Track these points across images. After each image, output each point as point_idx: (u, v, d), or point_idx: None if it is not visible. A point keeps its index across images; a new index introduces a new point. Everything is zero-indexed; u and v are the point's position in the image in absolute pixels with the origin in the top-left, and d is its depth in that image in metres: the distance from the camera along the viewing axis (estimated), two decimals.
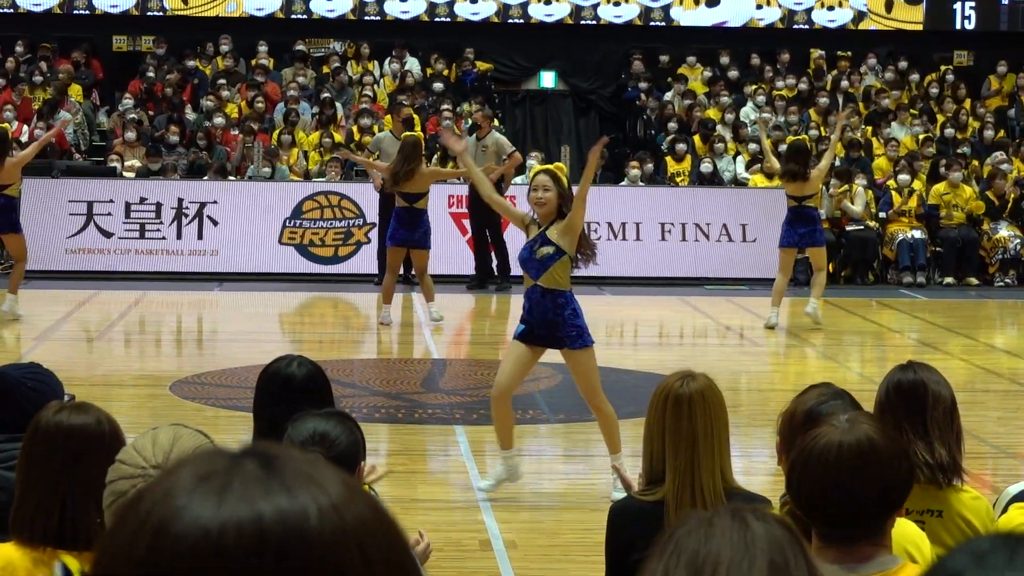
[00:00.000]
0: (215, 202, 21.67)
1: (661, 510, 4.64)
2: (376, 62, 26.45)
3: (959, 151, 24.26)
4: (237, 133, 23.77)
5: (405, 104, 22.64)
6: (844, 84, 26.22)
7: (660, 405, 4.70)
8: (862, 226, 22.08)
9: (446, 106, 24.16)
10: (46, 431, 3.92)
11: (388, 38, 26.50)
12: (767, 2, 27.12)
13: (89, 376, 13.84)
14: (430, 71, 26.22)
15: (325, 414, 4.66)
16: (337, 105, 24.77)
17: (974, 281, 22.25)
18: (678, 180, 23.66)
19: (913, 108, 25.68)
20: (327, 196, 21.82)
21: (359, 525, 1.44)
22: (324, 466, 1.48)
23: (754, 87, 26.05)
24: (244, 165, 23.07)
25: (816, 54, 27.05)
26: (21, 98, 24.30)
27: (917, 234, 22.20)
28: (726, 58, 26.66)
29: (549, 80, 27.15)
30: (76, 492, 3.81)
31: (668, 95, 25.99)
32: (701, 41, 27.02)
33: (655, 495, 4.70)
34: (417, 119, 23.68)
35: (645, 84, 26.22)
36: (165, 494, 1.43)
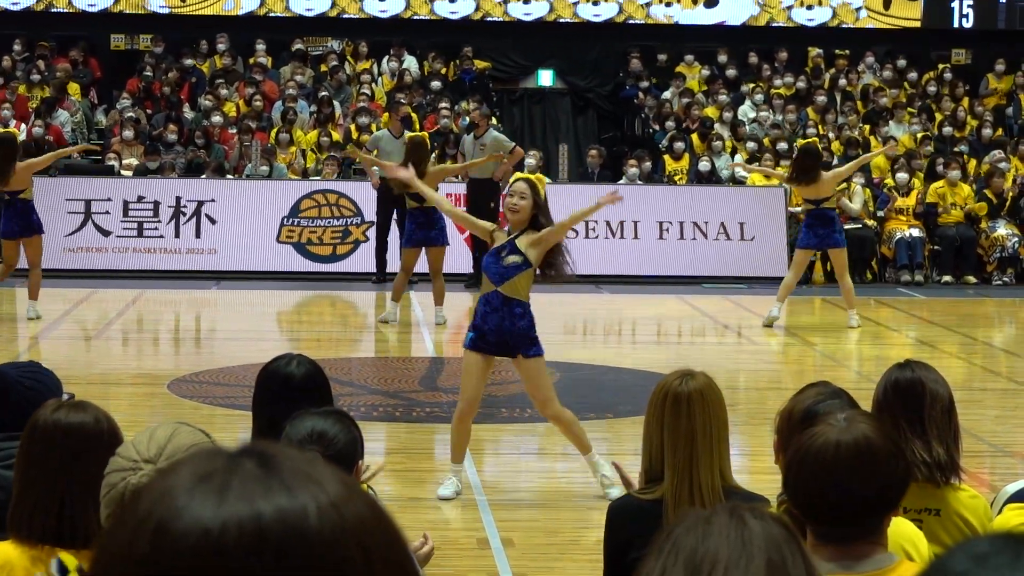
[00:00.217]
0: (213, 201, 21.66)
1: (660, 508, 4.64)
2: (374, 60, 26.44)
3: (957, 149, 24.25)
4: (235, 132, 23.76)
5: (403, 103, 22.65)
6: (842, 83, 26.20)
7: (659, 403, 4.70)
8: (860, 224, 22.06)
9: (444, 104, 24.15)
10: (44, 429, 3.92)
11: (386, 36, 26.50)
12: (766, 3, 27.13)
13: (87, 374, 13.84)
14: (428, 69, 26.22)
15: (323, 413, 4.66)
16: (335, 103, 24.76)
17: (972, 279, 22.24)
18: (676, 179, 23.66)
19: (911, 106, 25.67)
20: (325, 195, 21.81)
21: (358, 523, 1.44)
22: (322, 465, 1.48)
23: (752, 85, 26.05)
24: (242, 164, 23.06)
25: (814, 52, 27.04)
26: (16, 96, 24.27)
27: (915, 232, 22.19)
28: (724, 56, 26.65)
29: (547, 78, 27.15)
30: (75, 490, 3.81)
31: (666, 93, 25.98)
32: (699, 39, 27.02)
33: (654, 493, 4.71)
34: (415, 117, 23.67)
35: (643, 83, 26.21)
36: (164, 493, 1.43)
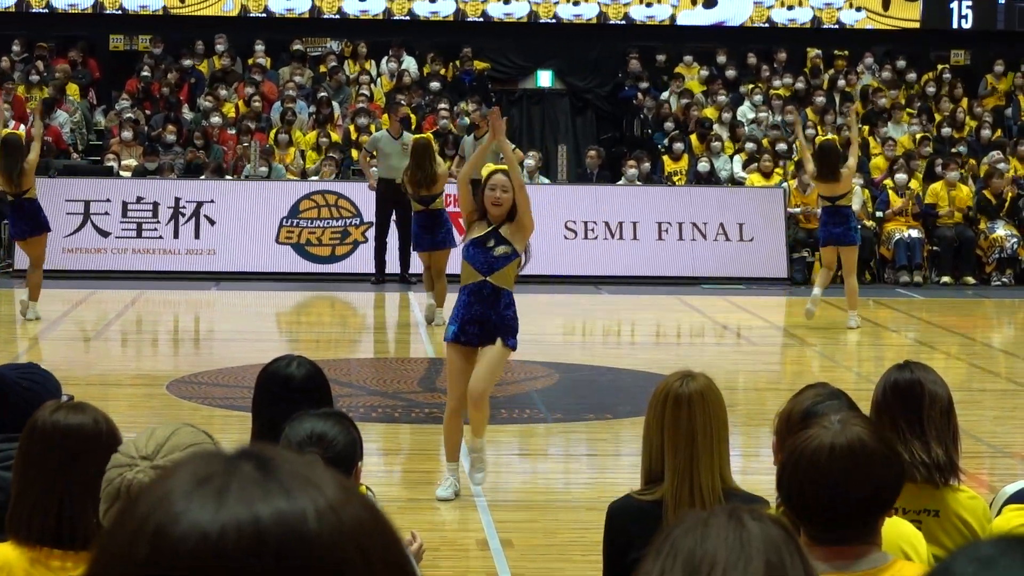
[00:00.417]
0: (212, 201, 21.66)
1: (659, 509, 4.64)
2: (373, 61, 26.44)
3: (956, 150, 24.25)
4: (234, 132, 23.76)
5: (402, 103, 22.65)
6: (841, 83, 26.20)
7: (660, 404, 4.70)
8: (859, 225, 22.05)
9: (443, 105, 24.15)
10: (43, 430, 3.92)
11: (385, 37, 26.50)
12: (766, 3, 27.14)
13: (86, 376, 13.83)
14: (427, 70, 26.22)
15: (323, 414, 4.66)
16: (334, 104, 24.76)
17: (971, 280, 22.24)
18: (675, 179, 23.66)
19: (910, 107, 25.67)
20: (324, 195, 21.80)
21: (357, 526, 1.44)
22: (320, 468, 1.48)
23: (751, 86, 26.04)
24: (241, 164, 23.05)
25: (813, 53, 27.04)
26: (12, 96, 24.26)
27: (914, 233, 22.19)
28: (723, 57, 26.66)
29: (546, 79, 27.14)
30: (73, 491, 3.80)
31: (665, 94, 25.99)
32: (698, 40, 27.02)
33: (654, 494, 4.70)
34: (414, 118, 23.68)
35: (642, 83, 26.21)
36: (162, 497, 1.43)
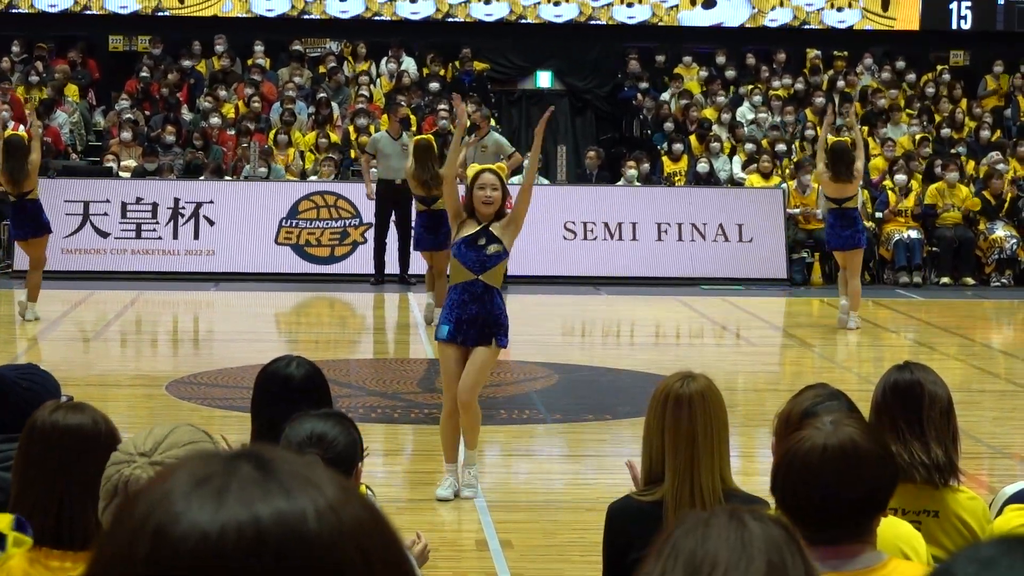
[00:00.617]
0: (211, 202, 21.66)
1: (660, 510, 4.64)
2: (372, 62, 26.44)
3: (955, 151, 24.25)
4: (233, 133, 23.76)
5: (402, 104, 22.65)
6: (840, 84, 26.20)
7: (660, 405, 4.70)
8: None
9: (442, 106, 24.15)
10: (42, 431, 3.92)
11: (384, 38, 26.50)
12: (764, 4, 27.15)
13: (85, 376, 13.83)
14: (426, 71, 26.21)
15: (323, 415, 4.65)
16: (333, 105, 24.76)
17: (970, 281, 22.23)
18: (674, 180, 23.66)
19: (909, 108, 25.67)
20: (323, 196, 21.80)
21: (356, 526, 1.44)
22: (320, 468, 1.48)
23: (750, 87, 26.05)
24: (240, 165, 23.05)
25: (812, 54, 27.05)
26: (10, 97, 24.24)
27: (913, 234, 22.19)
28: (722, 58, 26.66)
29: (545, 80, 27.14)
30: (73, 491, 3.80)
31: (664, 95, 25.99)
32: (697, 41, 27.02)
33: (654, 495, 4.70)
34: (414, 119, 23.68)
35: (642, 84, 26.21)
36: (162, 497, 1.43)
